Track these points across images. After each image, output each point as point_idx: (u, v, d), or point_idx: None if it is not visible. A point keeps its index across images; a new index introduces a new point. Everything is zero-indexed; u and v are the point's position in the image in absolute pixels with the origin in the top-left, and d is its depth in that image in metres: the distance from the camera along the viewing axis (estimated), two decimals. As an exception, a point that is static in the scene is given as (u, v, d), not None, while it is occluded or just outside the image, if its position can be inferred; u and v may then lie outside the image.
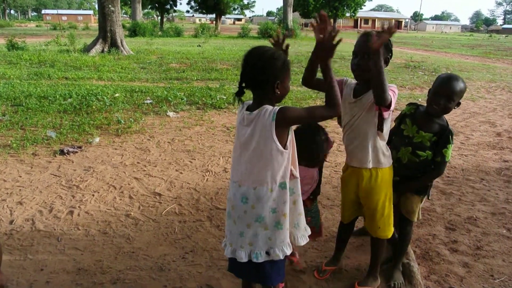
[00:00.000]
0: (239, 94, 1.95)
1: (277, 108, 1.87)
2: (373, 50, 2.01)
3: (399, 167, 2.58)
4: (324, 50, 1.89)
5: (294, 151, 2.04)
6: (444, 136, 2.46)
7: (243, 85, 1.94)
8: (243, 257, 2.01)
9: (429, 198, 2.74)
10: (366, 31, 2.28)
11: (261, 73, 1.86)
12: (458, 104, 2.47)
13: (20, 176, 4.44)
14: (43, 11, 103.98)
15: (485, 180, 4.75)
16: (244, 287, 2.39)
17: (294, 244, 2.15)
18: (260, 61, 1.86)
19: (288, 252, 2.06)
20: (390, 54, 2.40)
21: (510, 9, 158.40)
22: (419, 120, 2.56)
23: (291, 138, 1.97)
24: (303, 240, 2.19)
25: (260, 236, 2.00)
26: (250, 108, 1.96)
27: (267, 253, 2.02)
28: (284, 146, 1.91)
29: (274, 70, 1.87)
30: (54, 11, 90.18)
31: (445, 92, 2.40)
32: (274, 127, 1.85)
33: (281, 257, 2.04)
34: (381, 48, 2.01)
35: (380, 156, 2.43)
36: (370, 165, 2.43)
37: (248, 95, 1.96)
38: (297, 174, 2.07)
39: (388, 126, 2.42)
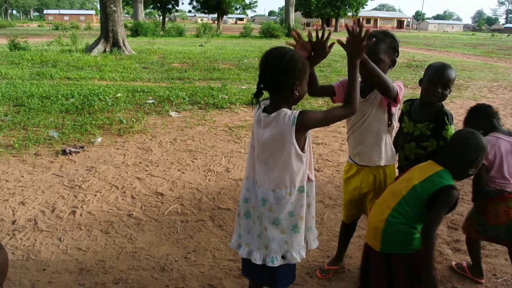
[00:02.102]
0: (258, 95, 1.92)
1: (296, 112, 1.84)
2: (360, 60, 1.99)
3: (409, 164, 2.57)
4: (353, 49, 1.93)
5: (311, 154, 2.03)
6: (440, 119, 2.41)
7: (261, 86, 1.91)
8: (257, 259, 2.00)
9: None
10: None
11: (282, 74, 1.84)
12: (450, 91, 2.47)
13: (22, 176, 4.45)
14: (45, 11, 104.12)
15: (487, 179, 4.72)
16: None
17: (307, 247, 2.14)
18: (282, 62, 1.83)
19: (304, 255, 2.06)
20: (397, 54, 2.40)
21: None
22: (414, 113, 2.55)
23: (308, 141, 1.95)
24: (314, 244, 2.20)
25: (276, 239, 1.98)
26: (267, 110, 1.92)
27: (283, 257, 2.01)
28: (302, 150, 1.90)
29: (295, 72, 1.85)
30: (56, 11, 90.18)
31: (442, 80, 2.39)
32: (294, 131, 1.83)
33: (298, 260, 2.03)
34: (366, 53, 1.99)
35: (390, 152, 2.45)
36: (383, 163, 2.43)
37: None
38: (312, 177, 2.06)
39: (396, 122, 2.42)
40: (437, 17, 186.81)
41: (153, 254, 3.08)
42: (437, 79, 2.40)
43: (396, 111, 2.37)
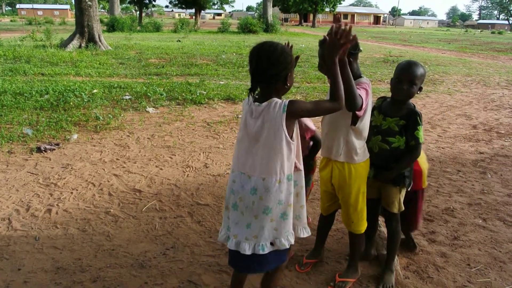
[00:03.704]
0: (253, 90, 1.99)
1: (287, 100, 1.93)
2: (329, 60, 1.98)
3: (372, 156, 2.60)
4: (330, 48, 1.96)
5: (299, 143, 2.08)
6: (412, 118, 2.50)
7: (256, 81, 1.98)
8: (246, 250, 2.02)
9: (409, 188, 2.74)
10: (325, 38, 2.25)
11: (276, 66, 1.91)
12: (420, 89, 2.54)
13: (-4, 175, 4.34)
14: (17, 6, 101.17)
15: (461, 171, 4.84)
16: (235, 281, 2.38)
17: (295, 236, 2.18)
18: (275, 54, 1.92)
19: (293, 241, 2.11)
20: (357, 48, 2.35)
21: (485, 5, 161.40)
22: (385, 108, 2.63)
23: (296, 131, 2.02)
24: (304, 233, 2.23)
25: (266, 227, 2.03)
26: (258, 100, 2.00)
27: (271, 244, 2.06)
28: (291, 137, 1.96)
29: (287, 63, 1.94)
30: (29, 6, 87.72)
31: (407, 77, 2.47)
32: (284, 118, 1.91)
33: (287, 246, 2.08)
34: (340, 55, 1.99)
35: (353, 152, 2.43)
36: (341, 159, 2.45)
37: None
38: (301, 166, 2.12)
39: (364, 123, 2.41)
40: (413, 13, 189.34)
41: (131, 251, 3.05)
42: (402, 76, 2.49)
43: (365, 114, 2.34)
